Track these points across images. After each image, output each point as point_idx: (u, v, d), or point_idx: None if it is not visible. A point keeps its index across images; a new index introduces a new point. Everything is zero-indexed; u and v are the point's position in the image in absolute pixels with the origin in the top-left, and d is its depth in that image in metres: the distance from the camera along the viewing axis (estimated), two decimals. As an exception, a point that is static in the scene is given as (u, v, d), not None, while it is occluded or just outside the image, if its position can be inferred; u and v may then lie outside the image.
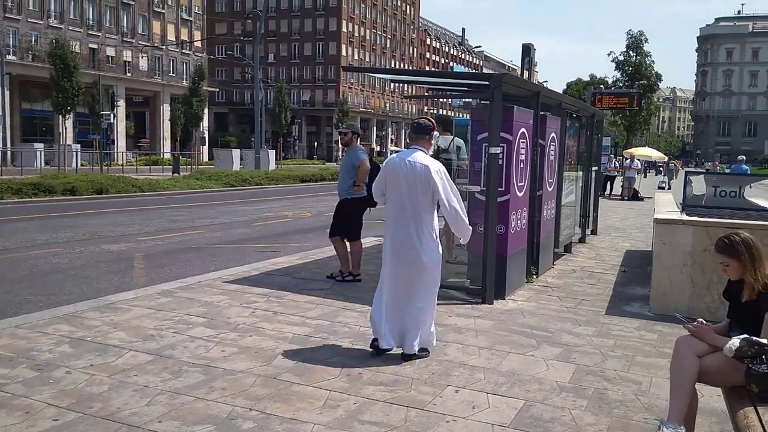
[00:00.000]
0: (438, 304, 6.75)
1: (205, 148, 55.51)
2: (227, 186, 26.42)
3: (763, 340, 3.24)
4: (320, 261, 9.23)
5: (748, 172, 29.70)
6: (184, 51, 61.83)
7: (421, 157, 5.00)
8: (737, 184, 8.33)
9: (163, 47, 59.10)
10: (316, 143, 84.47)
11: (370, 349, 5.12)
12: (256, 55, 36.73)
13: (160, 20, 59.38)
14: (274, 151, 44.03)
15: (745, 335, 3.29)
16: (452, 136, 9.60)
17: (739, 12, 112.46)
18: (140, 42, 56.77)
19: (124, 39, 55.46)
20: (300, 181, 31.74)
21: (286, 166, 47.33)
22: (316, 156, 77.94)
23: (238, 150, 43.08)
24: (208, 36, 69.42)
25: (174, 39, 60.34)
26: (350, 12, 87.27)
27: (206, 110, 59.04)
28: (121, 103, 52.44)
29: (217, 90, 74.78)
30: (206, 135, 56.93)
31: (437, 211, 5.12)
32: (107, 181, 21.69)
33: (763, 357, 3.15)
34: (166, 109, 57.99)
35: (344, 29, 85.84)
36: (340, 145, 8.97)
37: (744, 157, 30.26)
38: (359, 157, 7.78)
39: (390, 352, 5.06)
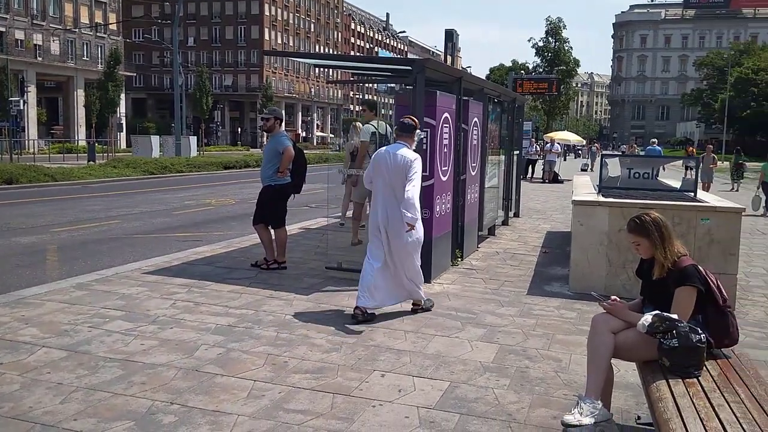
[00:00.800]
0: (364, 290, 6.80)
1: (123, 135, 53.47)
2: (146, 174, 25.58)
3: (674, 316, 3.37)
4: (244, 249, 9.07)
5: (661, 153, 31.48)
6: (98, 34, 59.17)
7: (405, 151, 5.74)
8: (650, 166, 8.65)
9: (76, 30, 56.43)
10: (239, 129, 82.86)
11: (353, 316, 5.70)
12: (175, 38, 35.52)
13: (72, 2, 56.56)
14: (195, 137, 42.95)
15: (657, 311, 3.42)
16: (377, 119, 9.64)
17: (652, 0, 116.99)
18: (51, 25, 53.99)
19: (34, 22, 52.60)
20: (223, 167, 31.09)
21: (209, 152, 46.26)
22: (240, 142, 76.47)
23: (158, 136, 41.68)
24: (124, 18, 66.70)
25: (88, 22, 57.66)
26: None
27: (123, 96, 56.92)
28: (32, 89, 49.87)
29: (135, 75, 72.12)
30: (123, 121, 54.76)
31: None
32: (17, 171, 20.62)
33: (673, 332, 3.27)
34: (80, 95, 55.40)
35: (267, 13, 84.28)
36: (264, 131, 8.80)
37: (656, 140, 31.76)
38: (283, 143, 7.65)
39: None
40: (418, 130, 5.97)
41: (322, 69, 77.98)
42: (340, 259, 7.84)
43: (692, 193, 7.85)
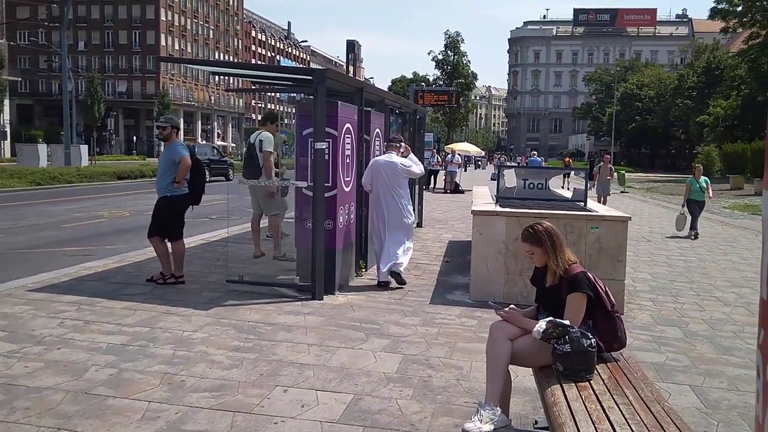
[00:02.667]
0: (267, 303, 6.71)
1: (7, 143, 50.27)
2: (33, 185, 24.09)
3: (566, 322, 3.50)
4: (139, 263, 8.70)
5: (542, 163, 33.70)
6: (-22, 35, 55.45)
7: (395, 157, 7.83)
8: (543, 177, 9.00)
9: (-47, 30, 52.66)
10: (135, 137, 79.68)
11: (379, 286, 7.71)
12: (64, 41, 33.76)
13: (-52, 0, 52.79)
14: (86, 145, 40.84)
15: (550, 318, 3.55)
16: (278, 131, 9.54)
17: (544, 16, 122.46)
18: (-77, 23, 50.13)
19: None
20: (117, 177, 29.77)
21: (101, 161, 44.18)
22: (135, 151, 73.55)
23: (45, 145, 39.35)
24: (7, 20, 62.78)
25: (-34, 22, 53.93)
26: (168, 0, 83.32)
27: (7, 101, 53.44)
28: None
29: (20, 79, 67.80)
30: (8, 128, 51.50)
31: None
32: None
33: (566, 337, 3.40)
34: (-42, 100, 51.67)
35: (163, 18, 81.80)
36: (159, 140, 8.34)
37: (536, 152, 34.12)
38: (179, 153, 7.40)
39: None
40: (402, 143, 8.19)
41: (222, 77, 76.32)
42: (242, 272, 7.67)
43: (582, 203, 8.22)
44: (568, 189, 14.66)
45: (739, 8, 41.99)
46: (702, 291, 8.25)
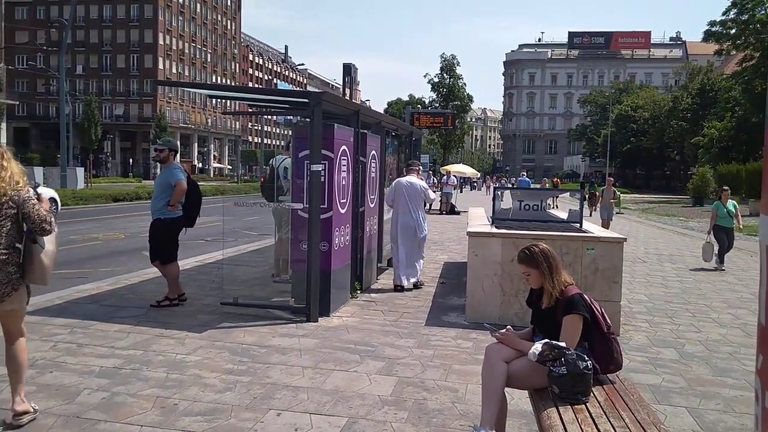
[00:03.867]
0: (262, 325, 6.67)
1: (3, 165, 50.11)
2: (29, 207, 24.01)
3: (562, 344, 3.48)
4: (132, 286, 8.66)
5: (530, 184, 34.69)
6: (-23, 60, 55.71)
7: (415, 179, 9.15)
8: (539, 198, 9.03)
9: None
10: (131, 160, 79.86)
11: (395, 290, 8.90)
12: (62, 65, 33.98)
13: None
14: (83, 168, 40.93)
15: (546, 340, 3.52)
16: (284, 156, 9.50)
17: (539, 39, 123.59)
18: None
19: None
20: (113, 200, 29.73)
21: (98, 184, 44.24)
22: (131, 173, 73.68)
23: (41, 168, 39.42)
24: (6, 45, 63.13)
25: (-36, 46, 54.21)
26: (167, 24, 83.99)
27: (4, 125, 53.57)
28: None
29: (17, 103, 68.16)
30: (4, 151, 51.37)
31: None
32: None
33: (562, 359, 3.38)
34: (-45, 123, 51.77)
35: (161, 42, 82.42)
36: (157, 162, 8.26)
37: (525, 172, 34.75)
38: (175, 176, 7.40)
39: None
40: (419, 166, 9.68)
41: (219, 100, 76.78)
42: (236, 294, 7.63)
43: (578, 224, 8.22)
44: (557, 208, 14.35)
45: (733, 31, 42.45)
46: (698, 312, 8.23)
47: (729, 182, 36.83)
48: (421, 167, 9.52)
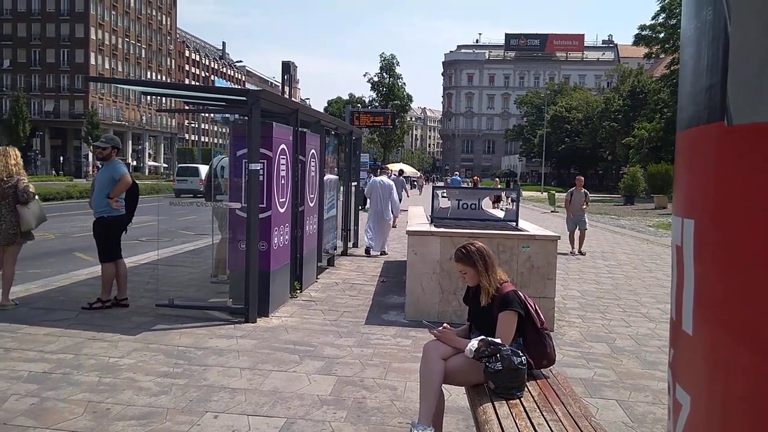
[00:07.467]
0: (199, 327, 6.57)
1: None
2: (-49, 207, 22.91)
3: (497, 340, 3.55)
4: (63, 288, 8.37)
5: (461, 183, 36.35)
6: None
7: (385, 179, 13.40)
8: (476, 198, 9.16)
9: None
10: (62, 158, 77.04)
11: (364, 255, 12.32)
12: (-14, 58, 32.60)
13: None
14: (11, 166, 39.20)
15: (482, 336, 3.59)
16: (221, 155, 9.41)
17: (477, 41, 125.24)
18: None
19: None
20: (42, 199, 28.53)
21: (27, 183, 42.40)
22: (62, 172, 71.10)
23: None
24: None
25: None
26: (99, 18, 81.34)
27: None
28: None
29: (-63, 97, 65.02)
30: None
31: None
32: None
33: (497, 355, 3.45)
34: None
35: (93, 36, 79.78)
36: (91, 160, 8.14)
37: (458, 172, 36.41)
38: (119, 171, 7.25)
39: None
40: (389, 170, 15.52)
41: (154, 97, 74.80)
42: (173, 296, 7.48)
43: (514, 223, 8.39)
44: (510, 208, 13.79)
45: (662, 35, 44.19)
46: (628, 307, 8.52)
47: (658, 182, 38.28)
48: (390, 170, 14.43)
